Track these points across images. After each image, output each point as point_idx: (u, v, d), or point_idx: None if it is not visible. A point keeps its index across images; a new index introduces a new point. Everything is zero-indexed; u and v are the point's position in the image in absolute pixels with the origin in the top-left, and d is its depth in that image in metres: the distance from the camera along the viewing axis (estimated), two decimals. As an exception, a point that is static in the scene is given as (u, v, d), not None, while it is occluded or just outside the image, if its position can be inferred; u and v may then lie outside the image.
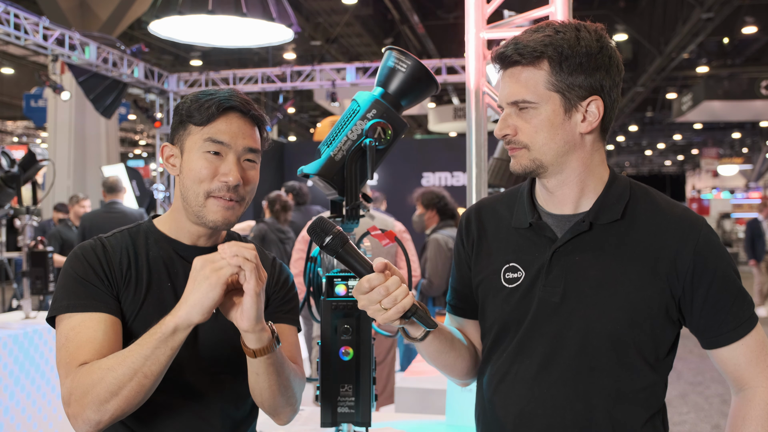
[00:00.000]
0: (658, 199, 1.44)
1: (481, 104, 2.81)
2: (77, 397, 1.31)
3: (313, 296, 1.70)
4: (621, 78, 1.38)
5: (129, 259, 1.47)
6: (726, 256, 1.39)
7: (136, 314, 1.44)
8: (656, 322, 1.36)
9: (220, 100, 1.45)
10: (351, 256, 1.31)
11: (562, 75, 1.32)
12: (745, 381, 1.39)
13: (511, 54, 1.35)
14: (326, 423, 1.54)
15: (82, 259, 1.44)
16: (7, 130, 19.61)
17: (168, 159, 1.51)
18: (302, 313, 1.69)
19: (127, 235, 1.52)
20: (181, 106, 1.49)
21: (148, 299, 1.46)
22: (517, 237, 1.46)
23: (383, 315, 1.27)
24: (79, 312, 1.39)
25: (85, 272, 1.42)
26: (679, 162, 36.00)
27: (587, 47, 1.32)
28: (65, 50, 8.17)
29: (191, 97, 1.48)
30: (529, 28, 1.40)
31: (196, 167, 1.44)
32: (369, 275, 1.28)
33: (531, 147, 1.36)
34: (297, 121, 22.45)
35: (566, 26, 1.35)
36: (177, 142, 1.49)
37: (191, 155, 1.45)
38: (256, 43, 7.04)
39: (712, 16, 11.09)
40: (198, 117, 1.44)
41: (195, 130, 1.45)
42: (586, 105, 1.35)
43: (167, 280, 1.49)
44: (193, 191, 1.45)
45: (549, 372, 1.38)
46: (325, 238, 1.31)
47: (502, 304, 1.44)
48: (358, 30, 14.02)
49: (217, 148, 1.44)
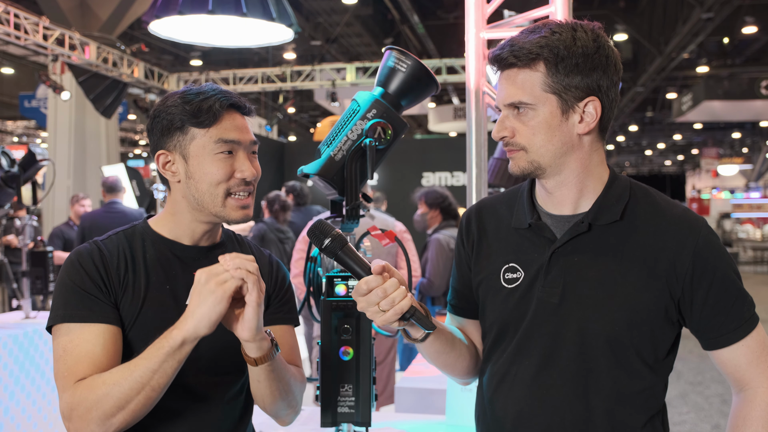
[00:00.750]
0: (658, 199, 1.43)
1: (481, 104, 2.80)
2: (80, 413, 1.30)
3: (313, 296, 1.70)
4: (619, 77, 1.37)
5: (126, 262, 1.45)
6: (726, 257, 1.38)
7: (135, 319, 1.43)
8: (655, 323, 1.36)
9: (219, 98, 1.44)
10: (350, 258, 1.31)
11: (559, 76, 1.32)
12: (746, 381, 1.39)
13: (507, 56, 1.34)
14: (326, 423, 1.54)
15: (78, 266, 1.41)
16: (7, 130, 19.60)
17: (165, 166, 1.48)
18: (302, 313, 1.69)
19: (123, 237, 1.50)
20: (168, 111, 1.44)
21: (147, 303, 1.44)
22: (517, 237, 1.46)
23: (381, 317, 1.27)
24: (77, 322, 1.37)
25: (82, 281, 1.40)
26: (679, 162, 36.00)
27: (583, 47, 1.31)
28: (65, 50, 8.17)
29: (178, 100, 1.45)
30: (525, 28, 1.39)
31: (212, 171, 1.43)
32: (367, 277, 1.28)
33: (528, 149, 1.36)
34: (297, 121, 22.46)
35: (563, 26, 1.34)
36: (174, 149, 1.46)
37: (202, 159, 1.44)
38: (256, 43, 7.03)
39: (712, 16, 11.08)
40: (202, 119, 1.42)
41: (200, 133, 1.43)
42: (584, 106, 1.34)
43: (165, 282, 1.47)
44: (210, 194, 1.44)
45: (548, 373, 1.38)
46: (324, 241, 1.31)
47: (502, 304, 1.44)
48: (358, 30, 14.01)
49: (229, 147, 1.44)
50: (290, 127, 22.79)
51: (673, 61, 14.31)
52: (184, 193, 1.47)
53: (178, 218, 1.50)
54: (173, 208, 1.51)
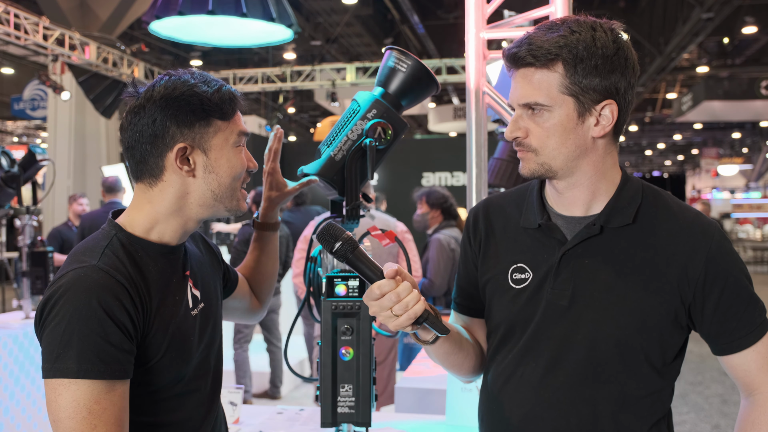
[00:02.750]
0: (671, 202, 1.41)
1: (481, 104, 2.80)
2: None
3: (313, 296, 1.70)
4: (636, 79, 1.34)
5: (140, 293, 1.28)
6: (739, 263, 1.37)
7: (166, 349, 1.31)
8: (665, 328, 1.34)
9: (230, 90, 1.40)
10: (361, 261, 1.28)
11: (577, 78, 1.28)
12: (756, 386, 1.38)
13: (525, 55, 1.30)
14: (326, 423, 1.54)
15: (104, 318, 1.19)
16: (7, 130, 19.60)
17: (181, 161, 1.33)
18: (302, 313, 1.69)
19: (124, 256, 1.30)
20: (188, 101, 1.32)
21: (172, 326, 1.34)
22: (526, 237, 1.44)
23: (395, 321, 1.25)
24: (105, 379, 1.18)
25: (109, 333, 1.19)
26: (679, 162, 36.00)
27: (603, 48, 1.27)
28: (65, 50, 8.17)
29: (194, 90, 1.33)
30: (542, 24, 1.35)
31: (236, 163, 1.38)
32: (380, 282, 1.25)
33: (540, 151, 1.33)
34: (297, 121, 22.45)
35: (582, 25, 1.30)
36: (194, 141, 1.34)
37: (225, 152, 1.37)
38: (256, 43, 7.04)
39: (712, 16, 11.08)
40: (226, 110, 1.37)
41: (222, 126, 1.36)
42: (600, 109, 1.31)
43: (175, 293, 1.38)
44: (230, 187, 1.39)
45: (555, 375, 1.36)
46: (335, 244, 1.28)
47: (509, 304, 1.42)
48: (358, 30, 14.01)
49: (244, 139, 1.43)
50: (290, 127, 22.78)
51: (673, 61, 14.31)
52: (195, 188, 1.36)
53: (173, 217, 1.37)
54: (170, 207, 1.36)
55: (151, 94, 1.33)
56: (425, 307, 1.26)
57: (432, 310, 1.30)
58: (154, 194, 1.36)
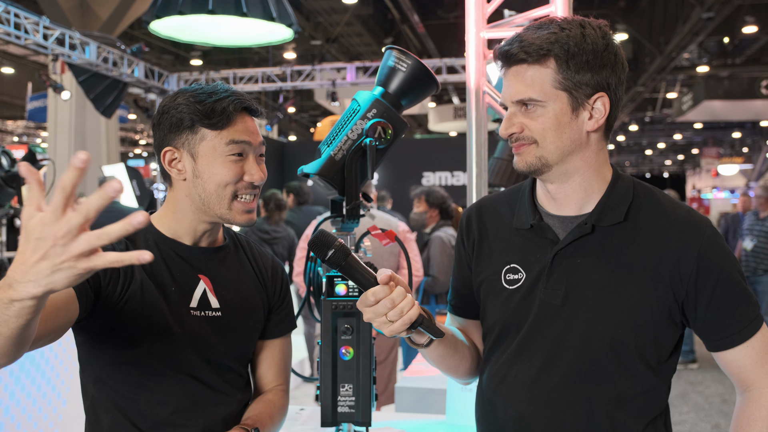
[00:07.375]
0: (662, 199, 1.42)
1: (481, 104, 2.80)
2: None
3: (313, 296, 1.70)
4: (625, 75, 1.36)
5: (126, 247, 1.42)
6: (731, 258, 1.37)
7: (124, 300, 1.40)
8: (659, 325, 1.34)
9: (233, 101, 1.44)
10: (354, 269, 1.29)
11: (569, 73, 1.30)
12: (750, 382, 1.38)
13: (517, 52, 1.31)
14: (326, 423, 1.53)
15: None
16: (7, 130, 19.60)
17: (171, 163, 1.47)
18: (302, 312, 1.69)
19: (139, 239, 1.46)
20: (179, 108, 1.44)
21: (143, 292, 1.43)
22: (518, 238, 1.44)
23: (390, 327, 1.26)
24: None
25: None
26: (680, 162, 35.99)
27: (593, 44, 1.30)
28: (65, 50, 8.18)
29: (190, 99, 1.44)
30: (531, 24, 1.37)
31: (221, 172, 1.44)
32: (374, 288, 1.25)
33: (540, 142, 1.33)
34: (297, 120, 22.46)
35: (570, 23, 1.32)
36: (182, 146, 1.45)
37: (212, 160, 1.44)
38: (256, 43, 7.04)
39: (713, 16, 11.08)
40: (215, 121, 1.42)
41: (211, 135, 1.44)
42: (593, 102, 1.33)
43: (171, 284, 1.47)
44: (217, 195, 1.44)
45: (549, 375, 1.37)
46: (327, 252, 1.28)
47: (503, 305, 1.43)
48: (358, 29, 14.02)
49: (240, 150, 1.45)
50: (290, 126, 22.79)
51: (673, 61, 14.31)
52: (189, 192, 1.47)
53: (180, 216, 1.50)
54: (175, 206, 1.50)
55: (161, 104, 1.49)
56: (419, 311, 1.27)
57: (426, 313, 1.30)
58: (169, 195, 1.52)
